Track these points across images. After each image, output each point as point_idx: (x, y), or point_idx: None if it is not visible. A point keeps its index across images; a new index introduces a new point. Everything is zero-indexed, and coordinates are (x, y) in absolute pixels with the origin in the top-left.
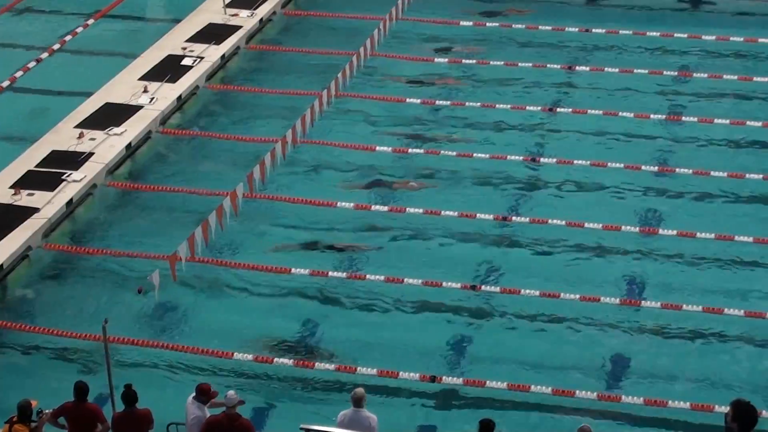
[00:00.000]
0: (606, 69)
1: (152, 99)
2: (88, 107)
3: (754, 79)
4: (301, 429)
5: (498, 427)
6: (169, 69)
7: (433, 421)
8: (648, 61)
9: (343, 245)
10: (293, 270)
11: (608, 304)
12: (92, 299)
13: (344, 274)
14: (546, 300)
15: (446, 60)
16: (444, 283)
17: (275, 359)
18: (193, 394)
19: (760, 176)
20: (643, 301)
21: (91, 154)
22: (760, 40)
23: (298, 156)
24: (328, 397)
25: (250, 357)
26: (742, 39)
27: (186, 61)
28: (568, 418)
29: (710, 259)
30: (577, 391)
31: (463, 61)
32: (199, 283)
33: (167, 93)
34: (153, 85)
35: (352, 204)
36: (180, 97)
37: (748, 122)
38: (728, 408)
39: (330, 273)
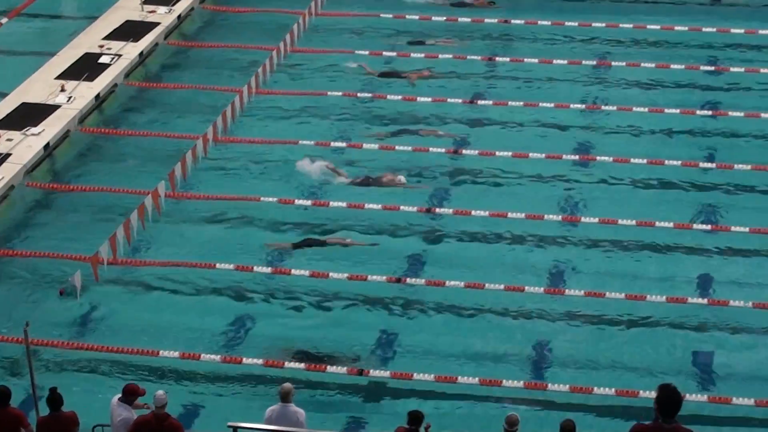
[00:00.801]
0: (525, 60)
1: (70, 98)
2: (5, 107)
3: (671, 66)
4: (229, 427)
5: (426, 419)
6: (87, 67)
7: (361, 414)
8: (567, 51)
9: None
10: (218, 266)
11: (533, 293)
12: (13, 302)
13: (269, 269)
14: (471, 291)
15: (367, 52)
16: (369, 277)
17: (202, 356)
18: (119, 395)
19: (679, 162)
20: (566, 290)
21: (8, 155)
22: (677, 27)
23: (220, 153)
24: (256, 394)
25: (176, 355)
26: (658, 27)
27: (104, 59)
28: (496, 408)
29: (632, 246)
30: (504, 381)
31: (384, 53)
32: (122, 282)
33: (85, 92)
34: (70, 84)
35: (275, 199)
36: (98, 95)
37: (666, 110)
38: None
39: (255, 268)
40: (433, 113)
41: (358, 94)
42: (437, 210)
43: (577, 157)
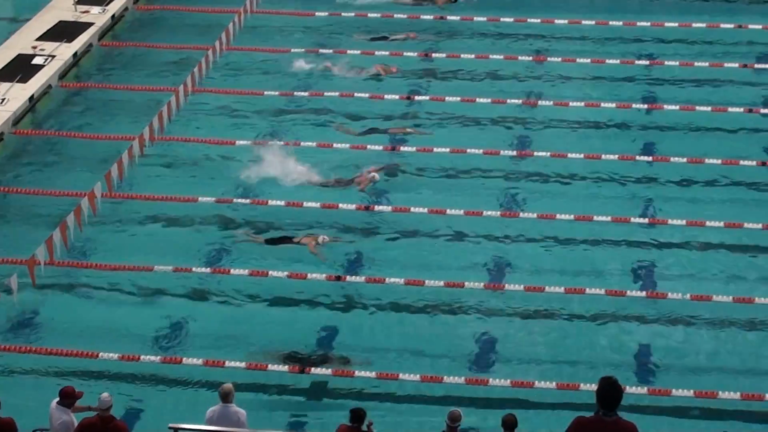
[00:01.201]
0: (462, 56)
1: (3, 100)
2: None
3: (606, 61)
4: (170, 428)
5: (369, 416)
6: (20, 69)
7: (303, 413)
8: (504, 47)
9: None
10: (156, 267)
11: (473, 288)
12: None
13: (208, 269)
14: (411, 288)
15: (303, 50)
16: (309, 275)
17: (141, 357)
18: (57, 398)
19: (616, 156)
20: (506, 285)
21: None
22: (611, 22)
23: (157, 153)
24: (197, 394)
25: (116, 356)
26: (593, 22)
27: (37, 60)
28: (437, 406)
29: (570, 240)
30: (446, 377)
31: (320, 51)
32: (60, 285)
33: (18, 93)
34: (3, 86)
35: (213, 198)
36: (32, 97)
37: (602, 104)
38: None
39: (194, 269)
40: (372, 110)
41: (295, 93)
42: (376, 208)
43: (515, 152)
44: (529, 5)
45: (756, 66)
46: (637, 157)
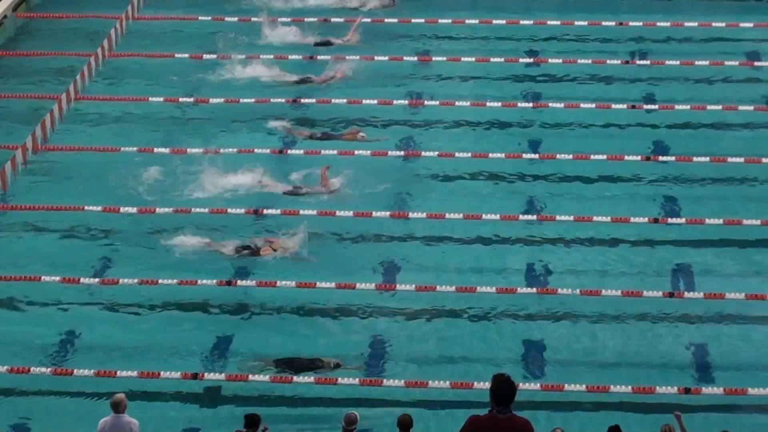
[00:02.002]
0: (347, 57)
1: None
2: None
3: (491, 59)
4: None
5: (264, 421)
6: None
7: (197, 420)
8: (388, 48)
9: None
10: (43, 278)
11: (365, 289)
12: None
13: (96, 280)
14: (303, 290)
15: (188, 55)
16: (199, 281)
17: (31, 369)
18: None
19: (503, 155)
20: (398, 285)
21: None
22: (494, 21)
23: (41, 162)
24: (89, 405)
25: (4, 370)
26: (477, 21)
27: None
28: (331, 407)
29: (460, 239)
30: (340, 379)
31: (204, 57)
32: None
33: None
34: None
35: (100, 207)
36: None
37: (488, 103)
38: None
39: (81, 279)
40: (257, 114)
41: (180, 99)
42: (265, 211)
43: (402, 152)
44: (413, 6)
45: (638, 62)
46: (524, 155)
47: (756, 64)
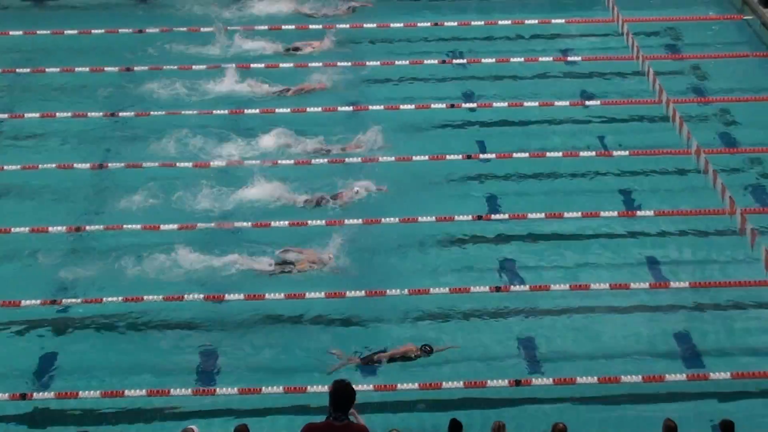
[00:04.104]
0: (164, 67)
1: None
2: None
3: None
4: None
5: None
6: None
7: None
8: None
9: None
10: None
11: (192, 301)
12: None
13: None
14: (129, 304)
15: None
16: (23, 302)
17: None
18: None
19: (326, 161)
20: (226, 295)
21: None
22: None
23: None
24: None
25: None
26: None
27: None
28: (171, 420)
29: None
30: (172, 390)
31: (17, 71)
32: None
33: None
34: None
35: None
36: None
37: (308, 108)
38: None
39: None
40: (72, 129)
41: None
42: (87, 227)
43: (224, 163)
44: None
45: (455, 62)
46: (346, 160)
47: (569, 59)
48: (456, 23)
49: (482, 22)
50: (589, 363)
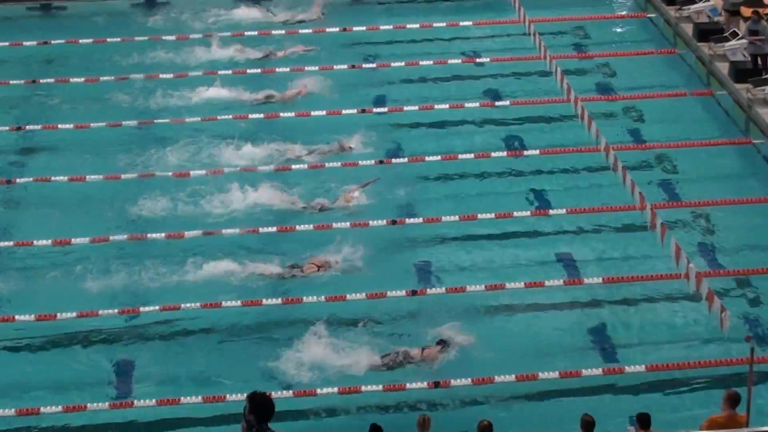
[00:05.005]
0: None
1: None
2: None
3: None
4: None
5: None
6: None
7: None
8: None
9: None
10: None
11: (107, 316)
12: None
13: None
14: (43, 323)
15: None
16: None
17: None
18: None
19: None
20: (142, 307)
21: None
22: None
23: None
24: None
25: None
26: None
27: None
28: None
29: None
30: (89, 405)
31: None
32: None
33: None
34: None
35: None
36: None
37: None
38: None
39: None
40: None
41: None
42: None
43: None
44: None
45: (364, 66)
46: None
47: (478, 60)
48: (365, 28)
49: (391, 26)
50: (506, 361)
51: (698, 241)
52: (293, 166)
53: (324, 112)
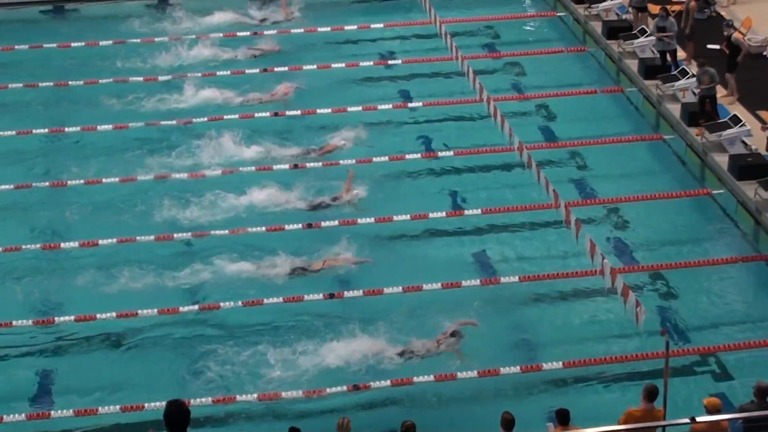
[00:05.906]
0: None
1: None
2: None
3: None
4: None
5: None
6: None
7: None
8: None
9: None
10: None
11: (22, 326)
12: None
13: None
14: None
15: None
16: None
17: None
18: None
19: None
20: (57, 318)
21: None
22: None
23: None
24: None
25: None
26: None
27: None
28: None
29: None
30: (5, 416)
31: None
32: None
33: None
34: None
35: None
36: None
37: (131, 124)
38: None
39: None
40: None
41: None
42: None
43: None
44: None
45: (276, 69)
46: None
47: (390, 62)
48: (275, 31)
49: (302, 30)
50: (426, 362)
51: (612, 237)
52: None
53: (237, 116)
